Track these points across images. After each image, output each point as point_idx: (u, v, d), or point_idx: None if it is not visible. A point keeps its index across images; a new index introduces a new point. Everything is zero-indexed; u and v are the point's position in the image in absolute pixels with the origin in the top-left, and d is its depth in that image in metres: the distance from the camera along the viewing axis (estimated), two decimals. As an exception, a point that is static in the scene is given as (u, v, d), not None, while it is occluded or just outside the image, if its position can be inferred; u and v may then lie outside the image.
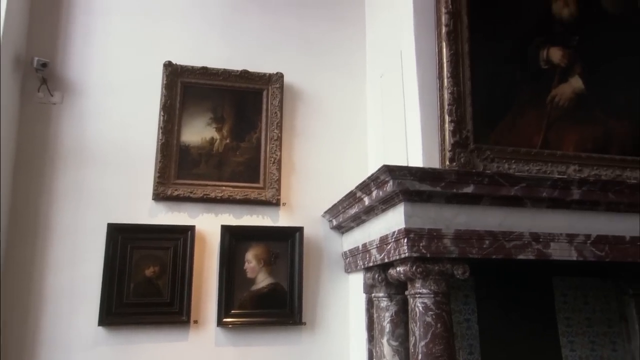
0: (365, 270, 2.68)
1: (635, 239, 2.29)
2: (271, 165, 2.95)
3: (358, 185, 2.31)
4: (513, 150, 2.43)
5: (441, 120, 2.37)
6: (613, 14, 2.77)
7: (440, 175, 2.04)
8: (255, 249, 2.83)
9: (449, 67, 2.41)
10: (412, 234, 2.03)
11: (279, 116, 3.02)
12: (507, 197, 2.14)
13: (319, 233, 2.97)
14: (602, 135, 2.60)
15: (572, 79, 2.64)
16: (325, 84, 3.21)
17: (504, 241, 2.14)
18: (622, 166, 2.54)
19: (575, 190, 2.21)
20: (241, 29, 3.17)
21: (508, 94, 2.53)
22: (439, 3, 2.51)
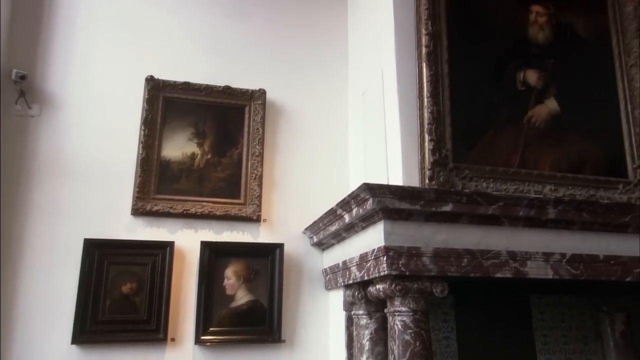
0: (345, 288, 2.67)
1: (608, 257, 2.33)
2: (252, 181, 2.94)
3: (339, 202, 2.32)
4: (491, 170, 2.47)
5: (421, 139, 2.41)
6: (585, 39, 2.86)
7: (419, 194, 2.06)
8: (235, 265, 2.80)
9: (429, 87, 2.46)
10: (391, 251, 2.04)
11: (261, 132, 3.03)
12: (485, 215, 2.17)
13: (299, 250, 2.97)
14: (576, 155, 2.66)
15: (548, 100, 2.71)
16: (307, 101, 3.23)
17: (482, 259, 2.16)
18: (596, 186, 2.60)
19: (551, 209, 2.25)
20: (224, 45, 3.18)
21: (486, 114, 2.58)
22: (420, 24, 2.57)
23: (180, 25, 3.14)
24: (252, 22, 3.29)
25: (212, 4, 3.24)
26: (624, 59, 2.83)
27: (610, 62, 2.84)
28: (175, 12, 3.16)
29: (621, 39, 2.86)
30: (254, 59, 3.21)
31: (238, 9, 3.28)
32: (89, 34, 2.98)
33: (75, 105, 2.85)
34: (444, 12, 2.62)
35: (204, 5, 3.22)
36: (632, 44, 2.84)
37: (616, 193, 2.61)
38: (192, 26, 3.16)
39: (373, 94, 2.80)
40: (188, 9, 3.18)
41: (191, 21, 3.17)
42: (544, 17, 2.82)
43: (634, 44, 2.83)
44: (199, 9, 3.20)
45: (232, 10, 3.26)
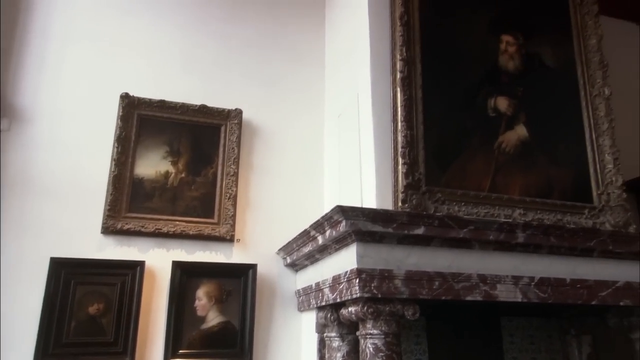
0: (318, 309, 2.66)
1: (575, 281, 2.39)
2: (226, 200, 2.92)
3: (312, 224, 2.32)
4: (463, 193, 2.51)
5: (395, 162, 2.44)
6: (552, 69, 2.97)
7: (392, 217, 2.08)
8: (207, 286, 2.76)
9: (403, 112, 2.51)
10: (363, 274, 2.05)
11: (236, 152, 3.02)
12: (456, 239, 2.20)
13: (272, 270, 2.95)
14: (544, 180, 2.74)
15: (518, 127, 2.79)
16: (283, 122, 3.25)
17: (453, 282, 2.18)
18: (563, 211, 2.67)
19: (520, 233, 2.30)
20: (201, 64, 3.19)
21: (458, 139, 2.64)
22: (395, 50, 2.63)
23: (158, 43, 3.14)
24: (230, 42, 3.31)
25: (190, 23, 3.25)
26: (588, 89, 2.94)
27: (576, 92, 2.95)
28: (153, 30, 3.16)
29: (585, 70, 2.98)
30: (231, 78, 3.23)
31: (216, 29, 3.30)
32: (64, 48, 2.95)
33: (46, 120, 2.80)
34: (418, 38, 2.69)
35: (182, 25, 3.23)
36: (595, 75, 2.96)
37: (582, 218, 2.68)
38: (169, 45, 3.16)
39: (348, 116, 2.84)
40: (165, 28, 3.19)
41: (168, 40, 3.17)
42: (513, 46, 2.92)
43: (598, 75, 2.96)
44: (176, 28, 3.21)
45: (210, 30, 3.28)
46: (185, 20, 3.25)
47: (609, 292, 2.42)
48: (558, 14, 3.10)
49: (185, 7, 3.28)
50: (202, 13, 3.31)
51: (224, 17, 3.35)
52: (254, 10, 3.44)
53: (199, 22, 3.28)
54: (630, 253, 2.48)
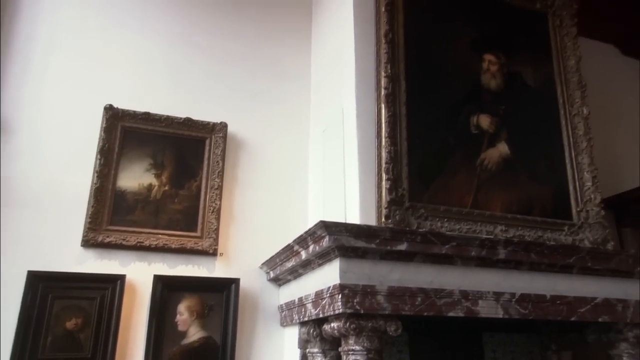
0: (300, 325, 2.64)
1: (555, 297, 2.41)
2: (210, 214, 2.91)
3: (296, 238, 2.32)
4: (445, 209, 2.54)
5: (378, 178, 2.46)
6: (533, 87, 3.04)
7: (375, 233, 2.09)
8: (189, 300, 2.73)
9: (387, 128, 2.53)
10: (346, 289, 2.05)
11: (221, 165, 3.01)
12: (438, 255, 2.21)
13: (255, 285, 2.92)
14: (526, 197, 2.78)
15: (500, 144, 2.83)
16: (269, 136, 3.26)
17: (435, 298, 2.19)
18: (544, 227, 2.71)
19: (502, 250, 2.32)
20: (187, 77, 3.19)
21: (442, 156, 2.67)
22: (380, 67, 2.67)
23: (143, 55, 3.14)
24: (216, 55, 3.32)
25: (177, 36, 3.26)
26: (567, 108, 3.02)
27: (556, 111, 3.02)
28: (139, 42, 3.15)
29: (565, 89, 3.06)
30: (216, 91, 3.23)
31: (202, 42, 3.31)
32: (48, 58, 2.92)
33: (28, 131, 2.76)
34: (402, 56, 2.73)
35: (168, 37, 3.24)
36: (574, 94, 3.04)
37: (562, 235, 2.73)
38: (155, 57, 3.16)
39: (333, 131, 2.86)
40: (151, 40, 3.19)
41: (154, 52, 3.17)
42: (495, 65, 2.99)
43: (576, 94, 3.03)
44: (162, 41, 3.21)
45: (197, 44, 3.29)
46: (172, 32, 3.26)
47: (588, 308, 2.46)
48: (538, 35, 3.18)
49: (172, 19, 3.29)
50: (189, 26, 3.32)
51: (210, 30, 3.37)
52: (240, 24, 3.46)
53: (185, 35, 3.28)
54: (608, 270, 2.52)
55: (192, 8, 3.37)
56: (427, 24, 2.89)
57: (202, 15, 3.38)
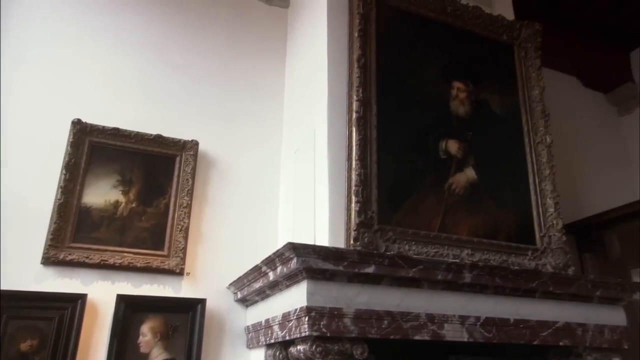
0: (267, 347, 2.61)
1: (518, 321, 2.46)
2: (178, 232, 2.86)
3: (264, 259, 2.31)
4: (413, 233, 2.57)
5: (348, 200, 2.48)
6: (500, 115, 3.14)
7: (343, 255, 2.09)
8: (153, 321, 2.66)
9: (358, 151, 2.57)
10: (313, 312, 2.04)
11: (191, 183, 2.98)
12: (405, 278, 2.23)
13: (222, 305, 2.87)
14: (491, 222, 2.84)
15: (467, 169, 2.90)
16: (240, 155, 3.25)
17: (401, 321, 2.20)
18: (508, 252, 2.77)
19: (467, 274, 2.36)
20: (159, 94, 3.17)
21: (411, 179, 2.71)
22: (351, 91, 2.71)
23: (115, 70, 3.10)
24: (190, 73, 3.31)
25: (150, 52, 3.24)
26: (532, 136, 3.12)
27: (521, 138, 3.12)
28: (111, 57, 3.12)
29: (529, 118, 3.17)
30: (188, 109, 3.22)
31: (176, 59, 3.30)
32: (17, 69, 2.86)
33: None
34: (374, 80, 2.79)
35: (141, 53, 3.22)
36: (538, 123, 3.15)
37: (525, 259, 2.79)
38: (127, 73, 3.13)
39: (305, 152, 2.88)
40: (124, 56, 3.16)
41: (126, 68, 3.14)
42: (464, 93, 3.07)
43: (540, 123, 3.14)
44: (135, 57, 3.19)
45: (170, 61, 3.28)
46: (145, 49, 3.24)
47: (550, 332, 2.51)
48: (505, 65, 3.30)
49: (145, 36, 3.28)
50: (163, 43, 3.31)
51: (184, 47, 3.36)
52: (215, 43, 3.47)
53: (159, 52, 3.27)
54: (568, 294, 2.59)
55: (166, 24, 3.37)
56: (399, 51, 2.96)
57: (176, 32, 3.38)
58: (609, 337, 2.63)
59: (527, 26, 3.39)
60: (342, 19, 2.92)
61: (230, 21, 3.58)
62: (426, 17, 3.12)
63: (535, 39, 3.38)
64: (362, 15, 2.85)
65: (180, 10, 3.45)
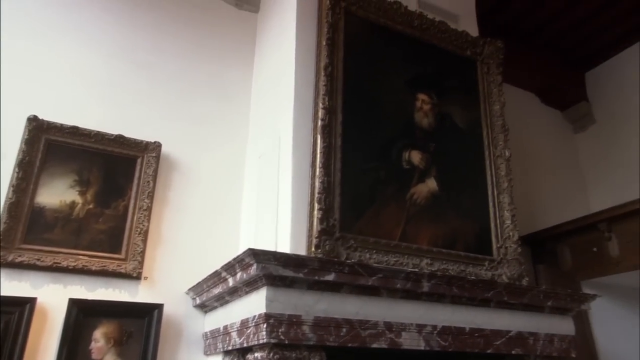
0: (224, 354, 2.57)
1: (473, 330, 2.51)
2: (136, 235, 2.79)
3: (224, 265, 2.28)
4: (375, 241, 2.60)
5: (311, 208, 2.49)
6: (462, 128, 3.22)
7: (303, 262, 2.09)
8: (106, 326, 2.58)
9: (322, 158, 2.58)
10: (272, 319, 2.02)
11: (152, 186, 2.92)
12: (365, 286, 2.25)
13: (180, 311, 2.82)
14: (451, 232, 2.90)
15: (429, 180, 2.95)
16: (204, 158, 3.21)
17: (360, 329, 2.21)
18: (466, 262, 2.84)
19: (426, 283, 2.40)
20: (122, 93, 3.09)
21: (374, 188, 2.74)
22: (318, 99, 2.73)
23: (76, 67, 3.01)
24: (155, 73, 3.25)
25: (114, 51, 3.16)
26: (492, 149, 3.21)
27: (481, 151, 3.21)
28: (72, 53, 3.03)
29: (490, 132, 3.26)
30: (152, 110, 3.15)
31: (141, 59, 3.24)
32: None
33: (-63, 138, 2.56)
34: (341, 89, 2.81)
35: (104, 52, 3.13)
36: (498, 137, 3.24)
37: (482, 269, 2.86)
38: (88, 70, 3.05)
39: (269, 158, 2.87)
40: (86, 52, 3.07)
41: (88, 64, 3.06)
42: (428, 105, 3.14)
43: (500, 137, 3.24)
44: (98, 55, 3.11)
45: (134, 60, 3.21)
46: (109, 47, 3.16)
47: (503, 341, 2.58)
48: (468, 80, 3.39)
49: (111, 32, 3.20)
50: (127, 42, 3.24)
51: (150, 47, 3.30)
52: (182, 43, 3.42)
53: (123, 51, 3.20)
54: (521, 304, 2.67)
55: (133, 22, 3.30)
56: (366, 61, 3.00)
57: (143, 30, 3.32)
58: (558, 346, 2.73)
59: (490, 43, 3.49)
60: (311, 26, 2.94)
61: (198, 23, 3.54)
62: (394, 29, 3.17)
63: (498, 55, 3.49)
64: (330, 24, 2.88)
65: (147, 8, 3.39)
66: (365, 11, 3.09)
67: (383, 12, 3.15)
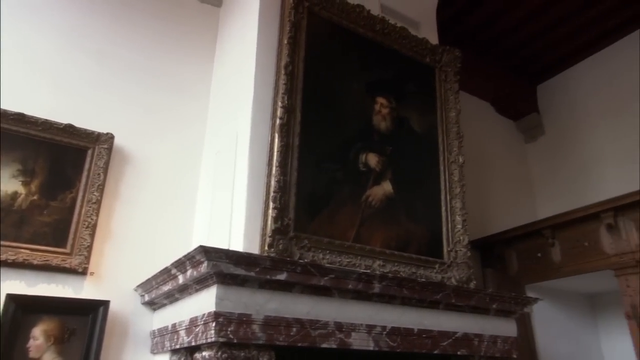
0: (172, 353, 2.52)
1: (421, 331, 2.56)
2: (84, 229, 2.69)
3: (174, 262, 2.23)
4: (328, 242, 2.61)
5: (265, 206, 2.47)
6: (419, 133, 3.28)
7: (255, 261, 2.08)
8: (47, 323, 2.47)
9: (279, 157, 2.57)
10: (221, 317, 2.00)
11: (102, 178, 2.82)
12: (317, 286, 2.26)
13: (127, 308, 2.73)
14: (404, 235, 2.95)
15: (384, 183, 3.00)
16: (159, 152, 3.13)
17: (310, 329, 2.22)
18: (417, 264, 2.89)
19: (377, 284, 2.43)
20: (74, 82, 2.98)
21: (330, 189, 2.75)
22: (277, 97, 2.72)
23: (25, 52, 2.88)
24: (111, 62, 3.15)
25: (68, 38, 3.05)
26: (446, 155, 3.29)
27: (436, 157, 3.28)
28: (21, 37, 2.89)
29: (445, 138, 3.35)
30: (106, 101, 3.05)
31: (97, 48, 3.13)
32: None
33: None
34: (300, 89, 2.81)
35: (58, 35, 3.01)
36: (453, 143, 3.33)
37: (433, 272, 2.93)
38: (38, 55, 2.92)
39: (226, 155, 2.83)
40: (36, 36, 2.94)
41: (38, 49, 2.93)
42: (386, 109, 3.18)
43: (454, 144, 3.33)
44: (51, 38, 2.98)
45: (90, 49, 3.10)
46: (62, 32, 3.04)
47: (450, 342, 2.64)
48: (426, 86, 3.47)
49: (65, 18, 3.08)
50: (83, 28, 3.12)
51: (107, 35, 3.20)
52: (141, 34, 3.33)
53: (77, 38, 3.08)
54: (468, 306, 2.75)
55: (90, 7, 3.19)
56: (327, 62, 3.01)
57: (99, 18, 3.21)
58: (501, 347, 2.82)
59: (449, 51, 3.58)
60: (273, 24, 2.92)
61: (159, 14, 3.46)
62: (356, 32, 3.20)
63: (455, 64, 3.58)
64: (293, 23, 2.87)
65: (104, -5, 3.28)
66: (329, 12, 3.11)
67: (346, 14, 3.17)
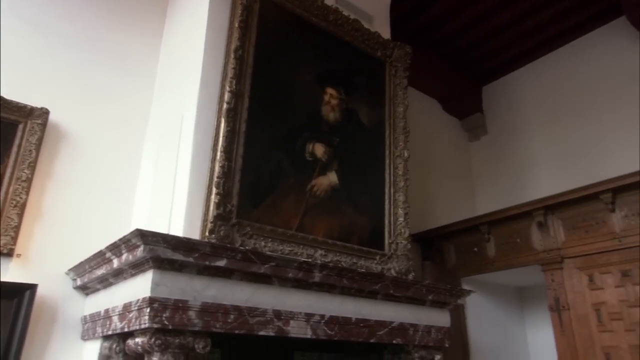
0: (103, 339, 2.44)
1: (359, 320, 2.61)
2: (11, 208, 2.54)
3: (109, 245, 2.16)
4: (271, 230, 2.60)
5: (208, 191, 2.43)
6: (367, 126, 3.32)
7: (194, 246, 2.04)
8: (-34, 307, 2.32)
9: (224, 142, 2.53)
10: (156, 303, 1.95)
11: (34, 155, 2.67)
12: (257, 274, 2.24)
13: (57, 293, 2.61)
14: (347, 225, 2.98)
15: (330, 173, 3.02)
16: (99, 132, 2.99)
17: (248, 317, 2.21)
18: (359, 255, 2.94)
19: (317, 273, 2.44)
20: (6, 51, 2.79)
21: (275, 177, 2.74)
22: (225, 81, 2.66)
23: (-49, 14, 2.67)
24: (49, 34, 2.98)
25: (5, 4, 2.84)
26: (392, 149, 3.36)
27: (382, 150, 3.34)
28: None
29: (392, 132, 3.41)
30: (42, 73, 2.88)
31: (36, 19, 2.94)
32: None
33: None
34: (250, 74, 2.77)
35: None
36: (399, 138, 3.40)
37: (373, 263, 2.99)
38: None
39: (170, 138, 2.75)
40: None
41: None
42: (336, 100, 3.20)
43: (401, 138, 3.40)
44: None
45: (28, 19, 2.91)
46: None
47: (386, 331, 2.71)
48: (376, 80, 3.51)
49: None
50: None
51: (48, 8, 3.01)
52: (84, 6, 3.16)
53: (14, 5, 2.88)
54: (406, 297, 2.83)
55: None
56: (278, 49, 2.98)
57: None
58: (435, 337, 2.93)
59: (400, 47, 3.64)
60: (225, 7, 2.86)
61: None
62: (309, 20, 3.19)
63: (406, 60, 3.65)
64: (244, 6, 2.82)
65: (44, -39, 3.08)
66: (282, -2, 3.07)
67: (300, 1, 3.15)
